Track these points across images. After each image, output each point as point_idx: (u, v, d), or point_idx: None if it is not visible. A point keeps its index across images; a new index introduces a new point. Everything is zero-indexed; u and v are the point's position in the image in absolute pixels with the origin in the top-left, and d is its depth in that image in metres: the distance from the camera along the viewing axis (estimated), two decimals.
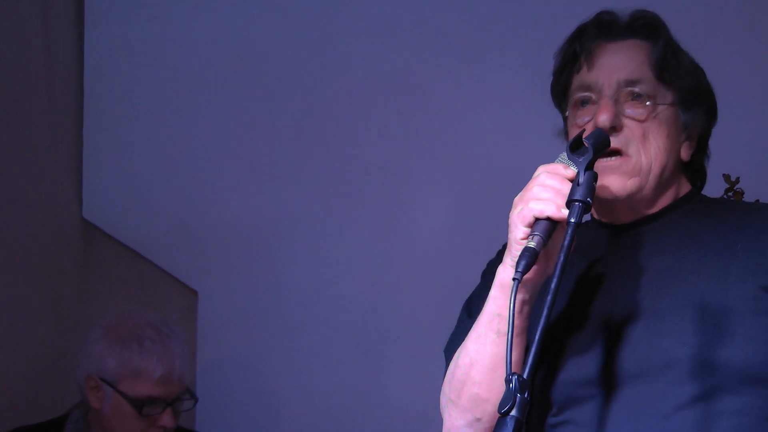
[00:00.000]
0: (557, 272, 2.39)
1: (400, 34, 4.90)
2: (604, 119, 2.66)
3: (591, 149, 2.48)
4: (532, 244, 2.43)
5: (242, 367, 4.93)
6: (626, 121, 2.70)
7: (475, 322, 2.64)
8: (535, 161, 3.05)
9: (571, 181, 2.51)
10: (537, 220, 2.47)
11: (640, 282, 2.70)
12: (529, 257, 2.40)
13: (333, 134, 4.93)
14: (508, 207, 2.89)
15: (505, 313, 2.48)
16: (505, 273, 2.56)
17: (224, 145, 5.00)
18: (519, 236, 2.49)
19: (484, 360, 2.54)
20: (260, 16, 4.99)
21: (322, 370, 4.83)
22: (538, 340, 2.31)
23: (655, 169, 2.72)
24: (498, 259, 2.83)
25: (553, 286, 2.38)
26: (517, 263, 2.40)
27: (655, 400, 2.60)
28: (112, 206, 5.05)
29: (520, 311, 2.56)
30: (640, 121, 2.71)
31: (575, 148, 2.50)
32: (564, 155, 2.58)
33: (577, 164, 2.48)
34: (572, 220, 2.42)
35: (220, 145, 5.00)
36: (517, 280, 2.38)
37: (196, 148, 5.01)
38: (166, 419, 4.02)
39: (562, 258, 2.40)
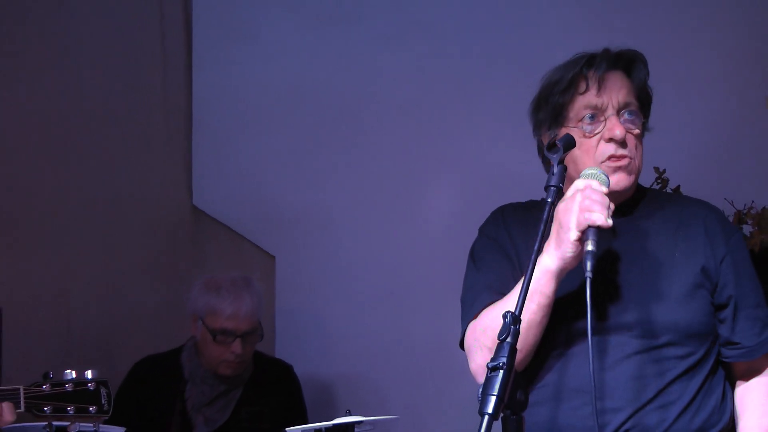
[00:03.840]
0: (536, 245, 2.32)
1: (419, 70, 4.88)
2: (620, 133, 2.60)
3: (561, 149, 2.42)
4: (592, 248, 2.37)
5: (308, 312, 4.92)
6: (627, 135, 2.63)
7: (514, 293, 2.50)
8: (515, 163, 3.03)
9: (607, 195, 2.46)
10: (589, 227, 2.39)
11: (617, 259, 2.64)
12: (593, 258, 2.35)
13: (371, 145, 4.91)
14: (497, 195, 2.87)
15: (546, 291, 2.48)
16: (551, 261, 2.46)
17: (296, 151, 4.98)
18: (573, 238, 2.40)
19: (523, 323, 2.34)
20: (316, 63, 4.98)
21: (366, 312, 4.80)
22: (524, 289, 2.25)
23: (640, 169, 2.67)
24: (491, 221, 2.78)
25: (533, 254, 2.31)
26: (586, 263, 2.34)
27: (619, 349, 2.57)
28: (214, 196, 5.06)
29: (557, 290, 2.51)
30: (634, 134, 2.64)
31: (550, 148, 2.44)
32: (586, 171, 2.53)
33: (552, 159, 2.39)
34: (549, 200, 2.34)
35: (293, 151, 4.98)
36: (590, 278, 2.31)
37: (275, 153, 5.00)
38: (236, 347, 4.03)
39: (541, 228, 2.32)
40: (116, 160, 4.84)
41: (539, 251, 2.33)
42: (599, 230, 2.39)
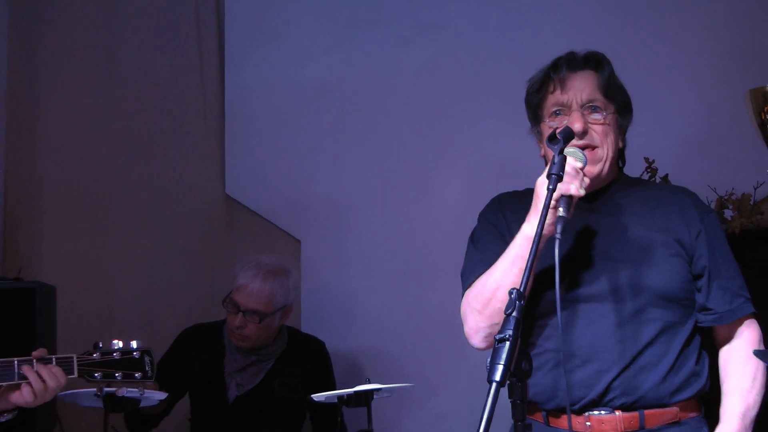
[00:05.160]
0: (540, 221, 2.35)
1: (431, 69, 4.87)
2: (579, 126, 2.65)
3: (562, 141, 2.45)
4: (563, 213, 2.37)
5: (331, 290, 4.91)
6: (591, 126, 2.67)
7: (500, 260, 2.58)
8: (518, 154, 3.05)
9: (581, 170, 2.49)
10: (562, 196, 2.41)
11: (598, 233, 2.68)
12: (563, 222, 2.35)
13: (388, 138, 4.91)
14: (500, 183, 2.88)
15: (527, 256, 2.40)
16: (531, 228, 2.47)
17: (319, 144, 4.99)
18: (548, 206, 2.40)
19: (506, 287, 2.41)
20: (338, 62, 4.99)
21: (383, 290, 4.81)
22: (528, 269, 2.26)
23: (609, 156, 2.70)
24: (490, 208, 2.84)
25: (537, 230, 2.34)
26: (556, 226, 2.33)
27: (605, 314, 2.60)
28: (245, 185, 5.06)
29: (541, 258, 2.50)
30: (600, 125, 2.68)
31: (551, 139, 2.46)
32: (572, 150, 2.53)
33: (553, 150, 2.42)
34: (550, 187, 2.37)
35: (316, 144, 4.99)
36: (558, 239, 2.31)
37: (300, 146, 5.00)
38: (237, 319, 4.02)
39: (544, 213, 2.35)
40: (157, 154, 4.88)
41: (540, 233, 2.34)
42: (572, 201, 2.42)
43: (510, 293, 2.17)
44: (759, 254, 3.36)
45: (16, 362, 2.88)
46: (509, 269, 2.55)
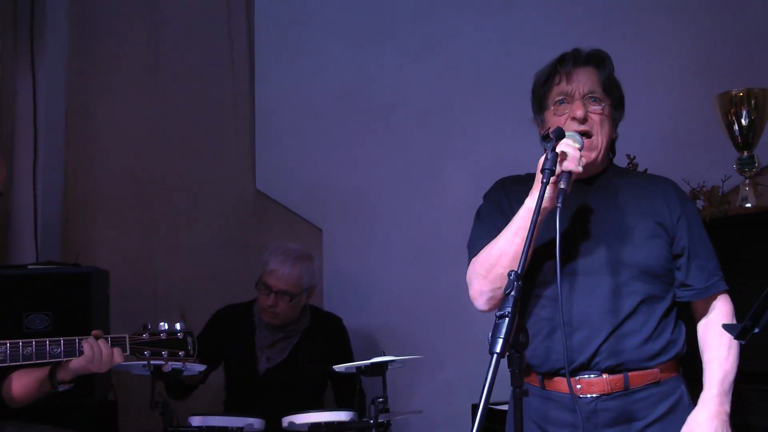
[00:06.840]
0: (536, 206, 2.35)
1: (438, 77, 4.88)
2: (580, 113, 2.65)
3: (554, 139, 2.45)
4: (563, 186, 2.37)
5: (349, 273, 4.93)
6: (590, 114, 2.67)
7: (505, 230, 2.56)
8: (514, 153, 3.06)
9: (579, 150, 2.48)
10: (562, 171, 2.41)
11: (593, 212, 2.69)
12: (563, 194, 2.35)
13: (401, 138, 4.92)
14: (499, 176, 2.90)
15: (529, 226, 2.41)
16: (533, 202, 2.45)
17: (339, 144, 5.00)
18: (543, 196, 2.37)
19: (509, 254, 2.49)
20: (356, 72, 5.00)
21: (396, 273, 4.82)
22: (527, 248, 2.26)
23: (603, 145, 2.69)
24: (494, 189, 2.82)
25: (534, 215, 2.34)
26: (558, 197, 2.34)
27: (596, 286, 2.61)
28: (273, 181, 5.08)
29: (542, 232, 2.52)
30: (598, 115, 2.68)
31: (545, 138, 2.44)
32: (571, 133, 2.53)
33: (546, 147, 2.41)
34: (543, 180, 2.35)
35: (337, 144, 5.01)
36: (559, 208, 2.31)
37: (322, 147, 5.02)
38: (269, 300, 4.03)
39: (538, 201, 2.35)
40: (197, 155, 4.92)
41: (538, 212, 2.34)
42: (571, 176, 2.42)
43: (509, 275, 2.17)
44: (727, 239, 3.37)
45: (77, 340, 2.94)
46: (512, 239, 2.54)
